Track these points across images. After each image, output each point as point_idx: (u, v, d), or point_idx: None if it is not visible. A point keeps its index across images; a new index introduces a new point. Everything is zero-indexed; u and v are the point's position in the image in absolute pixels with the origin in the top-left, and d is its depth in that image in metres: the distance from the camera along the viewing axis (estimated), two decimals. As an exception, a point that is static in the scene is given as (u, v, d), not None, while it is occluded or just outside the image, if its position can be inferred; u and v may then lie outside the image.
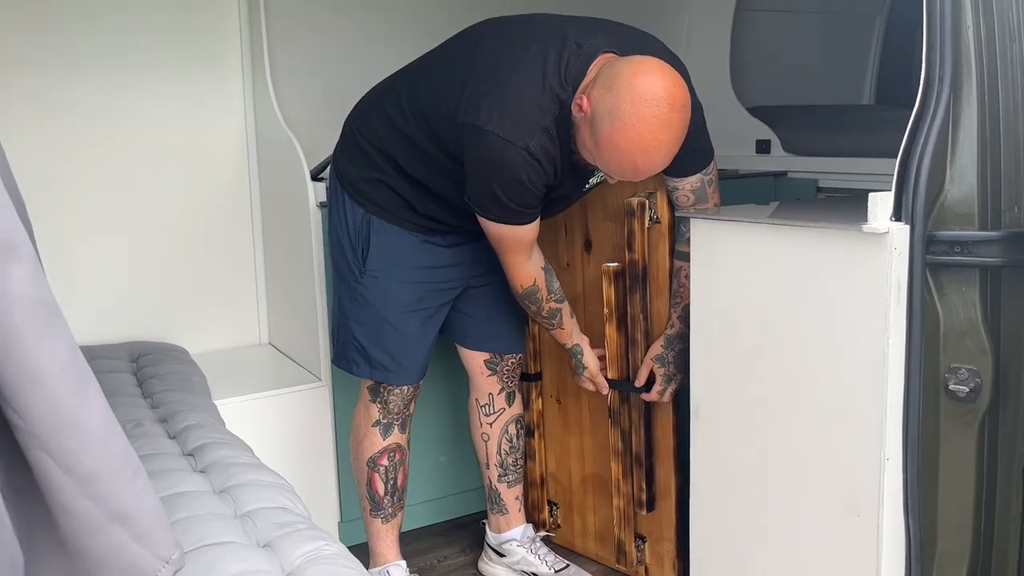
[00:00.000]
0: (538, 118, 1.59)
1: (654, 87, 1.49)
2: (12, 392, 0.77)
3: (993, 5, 1.36)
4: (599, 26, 1.71)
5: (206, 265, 2.59)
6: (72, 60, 2.34)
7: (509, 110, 1.59)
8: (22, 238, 0.77)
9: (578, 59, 1.61)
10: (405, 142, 1.80)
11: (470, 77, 1.66)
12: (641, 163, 1.55)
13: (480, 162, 1.64)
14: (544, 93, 1.59)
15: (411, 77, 1.84)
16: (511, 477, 2.20)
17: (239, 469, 1.51)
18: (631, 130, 1.50)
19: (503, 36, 1.72)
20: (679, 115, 1.52)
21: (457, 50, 1.78)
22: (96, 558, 0.81)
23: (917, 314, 1.39)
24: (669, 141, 1.53)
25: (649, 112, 1.49)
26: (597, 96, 1.54)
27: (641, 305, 1.99)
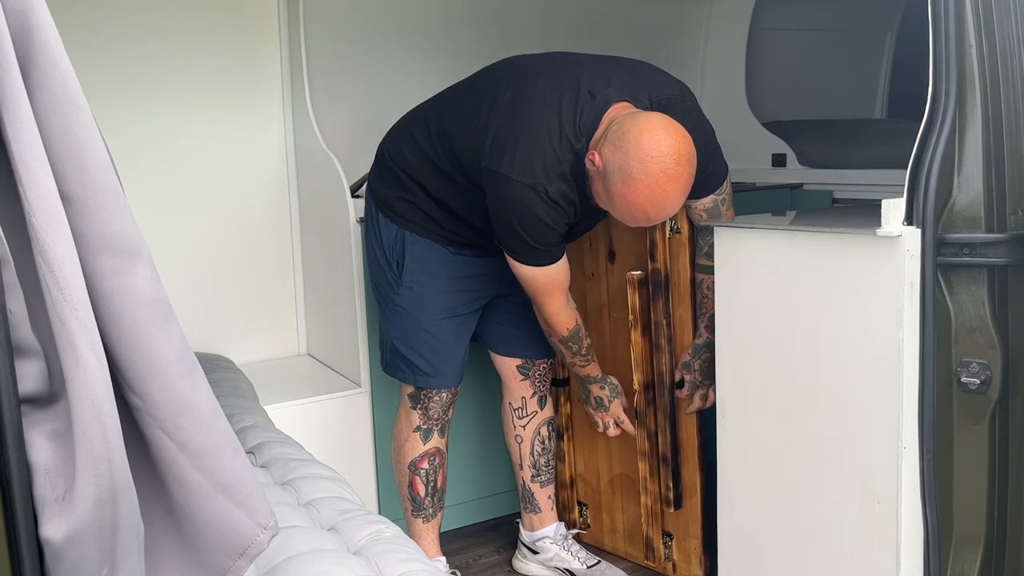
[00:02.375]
0: (555, 165, 1.72)
1: (660, 145, 1.61)
2: (135, 378, 0.89)
3: (995, 24, 1.47)
4: (612, 71, 1.81)
5: (248, 279, 2.71)
6: (124, 86, 2.48)
7: (529, 158, 1.71)
8: (143, 244, 0.90)
9: (591, 110, 1.73)
10: (433, 169, 1.94)
11: (492, 122, 1.78)
12: (652, 214, 1.68)
13: (503, 205, 1.76)
14: (561, 143, 1.72)
15: (440, 110, 1.97)
16: (544, 477, 2.30)
17: (297, 464, 1.62)
18: (640, 185, 1.63)
19: (523, 82, 1.83)
20: (685, 168, 1.64)
21: (482, 90, 1.90)
22: (204, 523, 0.92)
23: (930, 312, 1.49)
24: (677, 192, 1.65)
25: (656, 169, 1.61)
26: (607, 153, 1.66)
27: (664, 311, 2.10)
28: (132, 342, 0.87)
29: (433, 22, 2.84)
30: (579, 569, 2.27)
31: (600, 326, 2.29)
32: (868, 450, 1.59)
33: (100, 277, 0.86)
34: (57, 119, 0.83)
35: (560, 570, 2.30)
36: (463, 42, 2.87)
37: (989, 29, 1.46)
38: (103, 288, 0.86)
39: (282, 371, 2.66)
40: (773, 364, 1.74)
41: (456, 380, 2.09)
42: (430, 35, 2.83)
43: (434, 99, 2.04)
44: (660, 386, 2.15)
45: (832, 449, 1.66)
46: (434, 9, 2.85)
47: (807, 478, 1.71)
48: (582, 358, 2.05)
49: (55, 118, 0.83)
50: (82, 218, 0.84)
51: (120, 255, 0.86)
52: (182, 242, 2.61)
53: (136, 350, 0.87)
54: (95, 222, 0.85)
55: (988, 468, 1.51)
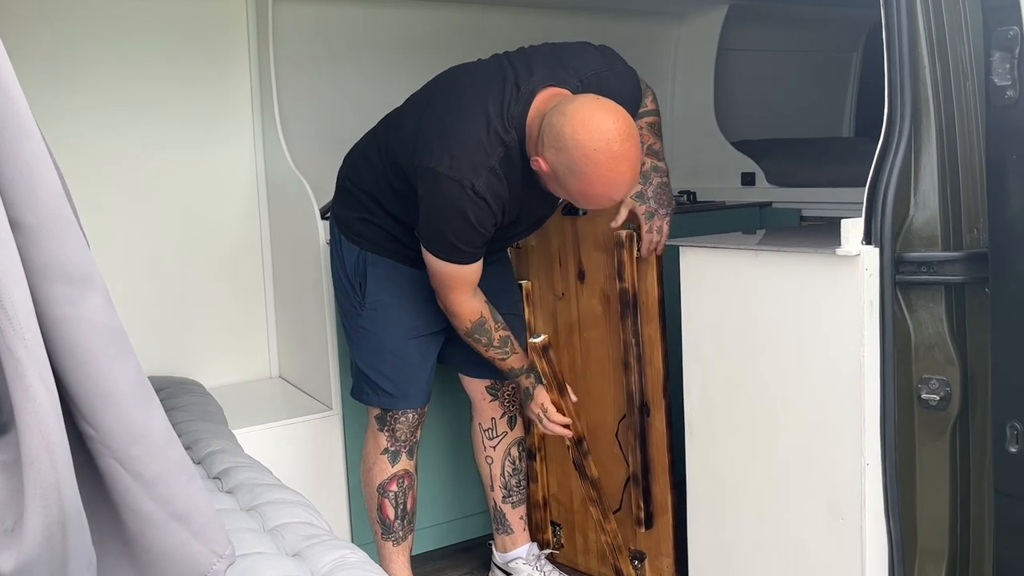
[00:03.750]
0: (483, 159, 1.72)
1: (598, 131, 1.60)
2: (88, 407, 0.88)
3: (947, 46, 1.50)
4: (535, 59, 1.83)
5: (218, 302, 2.70)
6: (93, 109, 2.47)
7: (456, 152, 1.72)
8: (96, 272, 0.89)
9: (518, 102, 1.74)
10: (387, 186, 1.95)
11: (423, 125, 1.81)
12: (615, 194, 1.68)
13: (430, 199, 1.77)
14: (489, 136, 1.73)
15: (387, 126, 2.01)
16: (515, 498, 2.30)
17: (264, 489, 1.60)
18: (594, 176, 1.63)
19: (452, 83, 1.87)
20: (630, 143, 1.63)
21: (418, 99, 1.94)
22: (159, 553, 0.91)
23: (889, 329, 1.51)
24: (630, 168, 1.65)
25: (604, 157, 1.61)
26: (551, 157, 1.67)
27: (633, 331, 2.11)
28: (85, 371, 0.87)
29: (402, 44, 2.85)
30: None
31: (571, 345, 2.30)
32: (832, 466, 1.60)
33: (52, 305, 0.85)
34: (6, 147, 0.83)
35: None
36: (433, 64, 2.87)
37: (942, 52, 1.50)
38: (55, 316, 0.85)
39: (253, 394, 2.64)
40: (739, 382, 1.76)
41: (422, 400, 2.09)
42: (400, 57, 2.85)
43: (384, 118, 2.07)
44: (630, 405, 2.16)
45: (797, 466, 1.67)
46: (403, 31, 2.86)
47: (774, 495, 1.73)
48: (497, 350, 1.99)
49: (4, 146, 0.83)
50: (33, 246, 0.84)
51: (72, 283, 0.86)
52: (152, 265, 2.59)
53: (89, 379, 0.87)
54: (46, 250, 0.85)
55: (950, 483, 1.53)
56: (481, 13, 2.99)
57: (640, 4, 3.16)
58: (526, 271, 2.37)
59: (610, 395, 2.24)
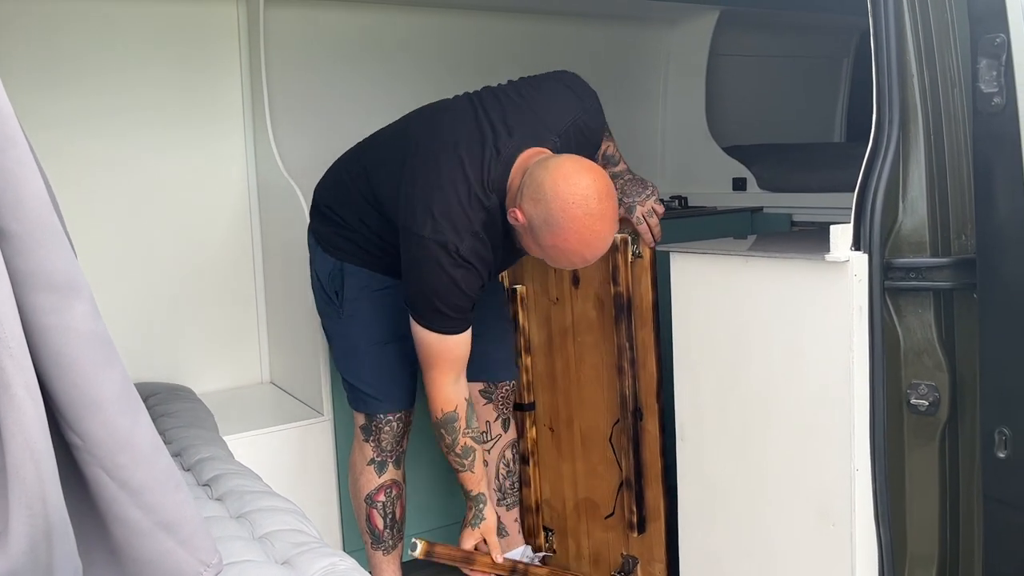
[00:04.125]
0: (466, 224, 1.73)
1: (577, 188, 1.61)
2: (74, 416, 0.88)
3: (935, 55, 1.51)
4: (513, 116, 1.82)
5: (210, 308, 2.69)
6: (83, 115, 2.47)
7: (439, 217, 1.73)
8: (82, 279, 0.89)
9: (498, 165, 1.75)
10: (368, 212, 1.95)
11: (403, 179, 1.82)
12: (588, 254, 1.68)
13: (416, 264, 1.77)
14: (471, 201, 1.73)
15: (363, 161, 2.00)
16: (509, 500, 2.30)
17: (253, 496, 1.60)
18: (569, 233, 1.63)
19: (431, 137, 1.85)
20: (608, 203, 1.64)
21: (396, 139, 1.94)
22: (146, 562, 0.91)
23: (878, 335, 1.51)
24: (606, 228, 1.65)
25: (580, 212, 1.61)
26: (528, 209, 1.67)
27: (627, 335, 2.11)
28: (70, 379, 0.86)
29: (392, 51, 2.86)
30: None
31: (565, 350, 2.30)
32: (822, 472, 1.60)
33: (38, 314, 0.85)
34: (-7, 156, 0.83)
35: None
36: (424, 70, 2.89)
37: (930, 59, 1.50)
38: (41, 325, 0.85)
39: (244, 400, 2.63)
40: (729, 387, 1.76)
41: (405, 403, 2.08)
42: (390, 63, 2.85)
43: (361, 145, 2.07)
44: (623, 409, 2.16)
45: (787, 471, 1.67)
46: (394, 38, 2.87)
47: (765, 500, 1.73)
48: (457, 458, 1.93)
49: (-9, 155, 0.83)
50: (19, 254, 0.84)
51: (58, 291, 0.86)
52: (144, 270, 2.59)
53: (75, 387, 0.87)
54: (32, 258, 0.84)
55: (939, 488, 1.53)
56: (473, 19, 2.99)
57: (632, 10, 3.17)
58: (521, 276, 2.37)
59: (603, 400, 2.24)
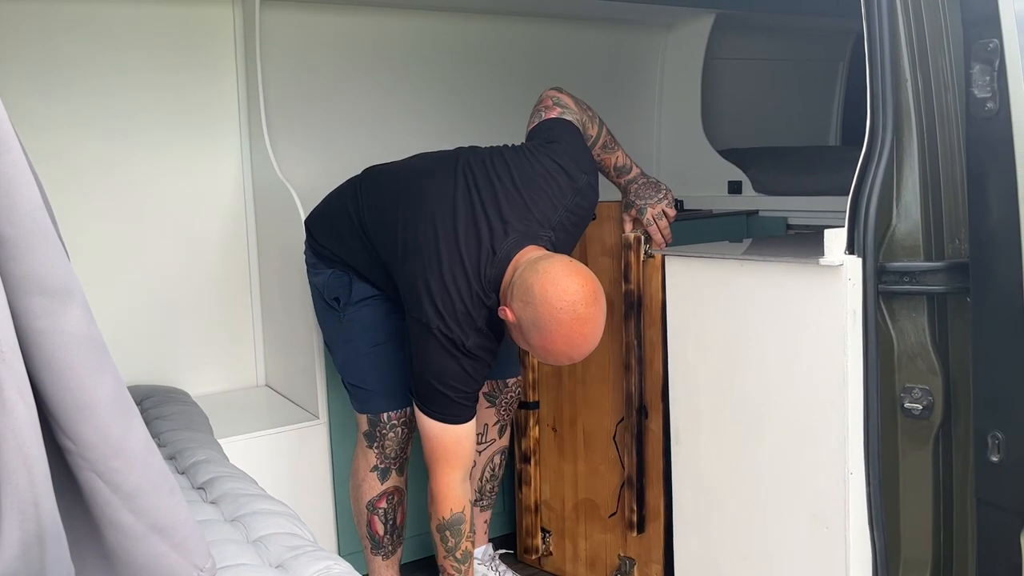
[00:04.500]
0: (470, 322, 1.77)
1: (566, 294, 1.63)
2: (66, 420, 0.88)
3: (929, 61, 1.52)
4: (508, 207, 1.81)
5: (205, 311, 2.69)
6: (78, 118, 2.46)
7: (447, 315, 1.76)
8: (76, 284, 0.89)
9: (494, 266, 1.77)
10: (363, 256, 1.97)
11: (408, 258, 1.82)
12: (575, 354, 1.70)
13: (424, 349, 1.80)
14: (473, 301, 1.76)
15: (361, 208, 1.98)
16: (485, 502, 2.32)
17: (248, 499, 1.60)
18: (557, 335, 1.65)
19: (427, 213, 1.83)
20: (595, 307, 1.65)
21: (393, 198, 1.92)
22: (139, 566, 0.91)
23: (872, 339, 1.52)
24: (594, 331, 1.67)
25: (568, 317, 1.63)
26: (518, 309, 1.69)
27: (636, 332, 2.10)
28: (64, 383, 0.86)
29: (389, 54, 2.86)
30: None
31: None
32: (816, 475, 1.61)
33: (31, 318, 0.85)
34: (-14, 160, 0.83)
35: None
36: (420, 74, 2.89)
37: (924, 65, 1.51)
38: (34, 329, 0.85)
39: (239, 403, 2.63)
40: (724, 390, 1.76)
41: (407, 400, 2.07)
42: (386, 67, 2.85)
43: (353, 194, 2.04)
44: (628, 407, 2.16)
45: (782, 474, 1.67)
46: (391, 41, 2.87)
47: (759, 503, 1.73)
48: (456, 563, 1.92)
49: (-15, 159, 0.82)
50: (12, 259, 0.84)
51: (51, 296, 0.86)
52: (139, 273, 2.58)
53: (68, 392, 0.87)
54: (26, 262, 0.84)
55: (933, 492, 1.53)
56: (469, 22, 2.99)
57: (627, 13, 3.17)
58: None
59: (608, 399, 2.24)
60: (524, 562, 2.51)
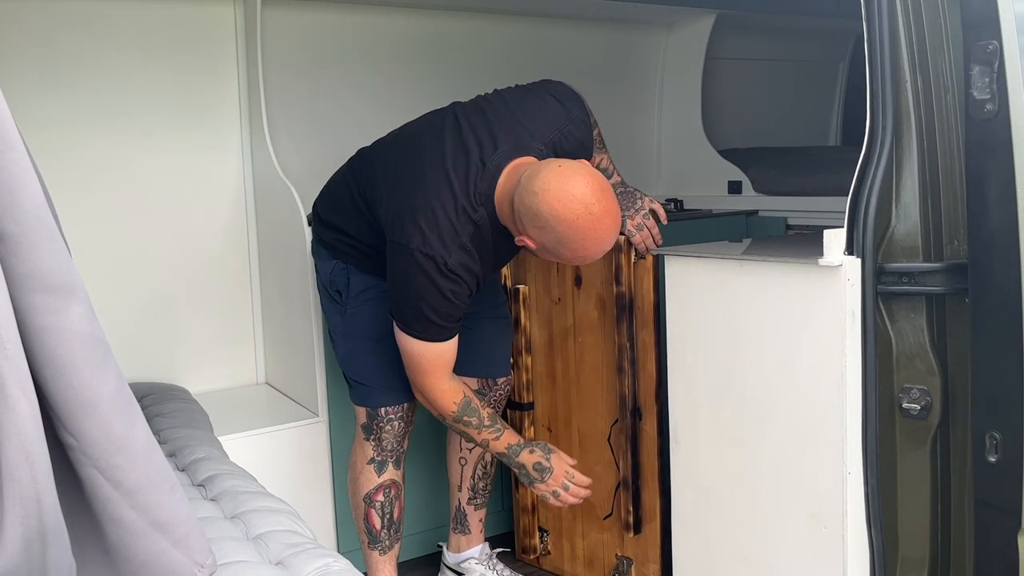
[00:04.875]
0: (454, 237, 1.74)
1: (573, 201, 1.61)
2: (69, 417, 0.88)
3: (929, 61, 1.52)
4: (498, 128, 1.81)
5: (205, 308, 2.69)
6: (79, 116, 2.47)
7: (427, 230, 1.74)
8: (78, 281, 0.89)
9: (484, 179, 1.75)
10: (365, 226, 1.96)
11: (392, 198, 1.82)
12: (607, 245, 1.70)
13: (404, 275, 1.78)
14: (458, 215, 1.75)
15: (358, 175, 2.00)
16: (479, 500, 2.32)
17: (248, 497, 1.60)
18: (585, 241, 1.64)
19: (418, 151, 1.86)
20: (606, 197, 1.65)
21: (387, 153, 1.95)
22: (140, 562, 0.91)
23: (871, 339, 1.52)
24: (613, 220, 1.66)
25: (585, 223, 1.62)
26: (536, 236, 1.68)
27: (628, 335, 2.12)
28: (66, 380, 0.87)
29: (389, 53, 2.86)
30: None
31: (565, 350, 2.31)
32: (814, 475, 1.61)
33: (33, 315, 0.85)
34: (-10, 157, 0.83)
35: None
36: (421, 72, 2.89)
37: (924, 66, 1.51)
38: (36, 326, 0.86)
39: (239, 400, 2.64)
40: (723, 390, 1.77)
41: (407, 395, 2.06)
42: (387, 65, 2.86)
43: (354, 162, 2.07)
44: (623, 409, 2.17)
45: (780, 474, 1.68)
46: (392, 39, 2.87)
47: (758, 503, 1.74)
48: (489, 430, 1.93)
49: (-12, 156, 0.83)
50: (15, 256, 0.84)
51: (54, 293, 0.86)
52: (139, 271, 2.59)
53: (70, 388, 0.87)
54: (28, 260, 0.85)
55: (931, 492, 1.54)
56: (470, 22, 3.00)
57: (628, 13, 3.18)
58: (524, 275, 2.38)
59: (603, 400, 2.25)
60: (522, 561, 2.51)
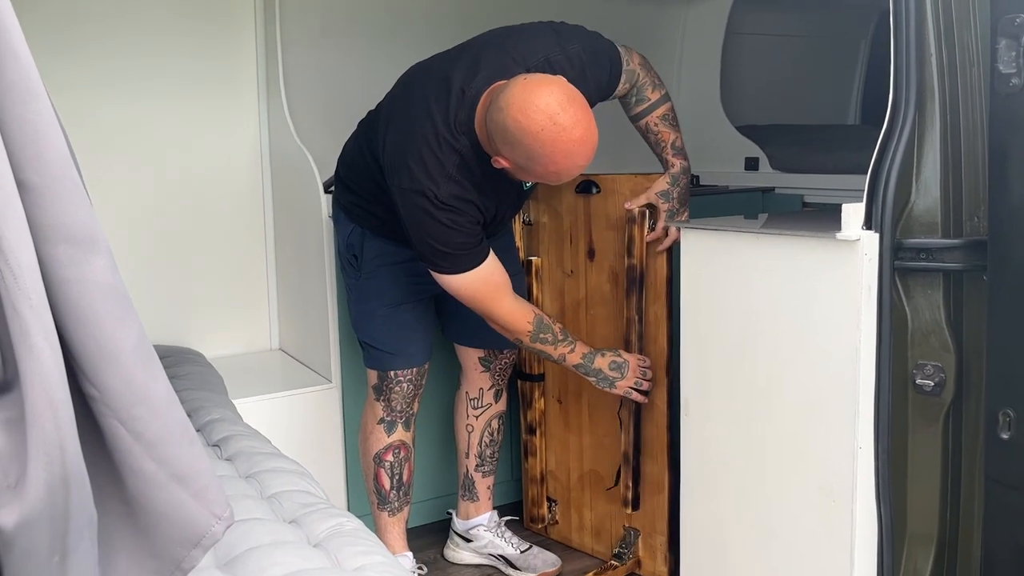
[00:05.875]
0: (439, 169, 1.74)
1: (536, 112, 1.59)
2: (91, 368, 0.89)
3: (955, 34, 1.50)
4: (481, 56, 1.80)
5: (221, 274, 2.71)
6: (98, 81, 2.47)
7: (412, 166, 1.74)
8: (101, 234, 0.90)
9: (464, 106, 1.74)
10: (376, 184, 1.96)
11: (385, 141, 1.83)
12: (580, 159, 1.65)
13: (408, 218, 1.80)
14: (440, 146, 1.74)
15: (367, 132, 2.01)
16: (487, 468, 2.34)
17: (263, 458, 1.62)
18: (553, 155, 1.62)
19: (404, 92, 1.87)
20: (573, 107, 1.60)
21: (388, 103, 1.96)
22: (159, 513, 0.92)
23: (886, 315, 1.52)
24: (587, 131, 1.62)
25: (551, 134, 1.59)
26: (507, 153, 1.67)
27: (637, 307, 2.12)
28: (88, 331, 0.87)
29: (407, 18, 2.84)
30: (512, 554, 2.31)
31: (577, 322, 2.31)
32: (825, 449, 1.62)
33: (56, 266, 0.86)
34: (15, 107, 0.83)
35: (494, 556, 2.33)
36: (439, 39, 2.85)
37: (949, 39, 1.49)
38: (59, 277, 0.86)
39: (253, 366, 2.66)
40: (736, 363, 1.77)
41: (417, 360, 2.10)
42: (404, 31, 2.84)
43: (362, 122, 2.08)
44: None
45: (791, 448, 1.68)
46: (410, 9, 2.85)
47: (767, 476, 1.74)
48: (564, 343, 1.96)
49: (13, 106, 0.83)
50: (38, 207, 0.84)
51: (77, 244, 0.87)
52: (155, 236, 2.60)
53: (92, 339, 0.88)
54: (51, 211, 0.85)
55: (941, 469, 1.54)
56: (489, -8, 2.97)
57: (648, -14, 3.15)
58: (536, 248, 2.38)
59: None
60: (530, 530, 2.53)
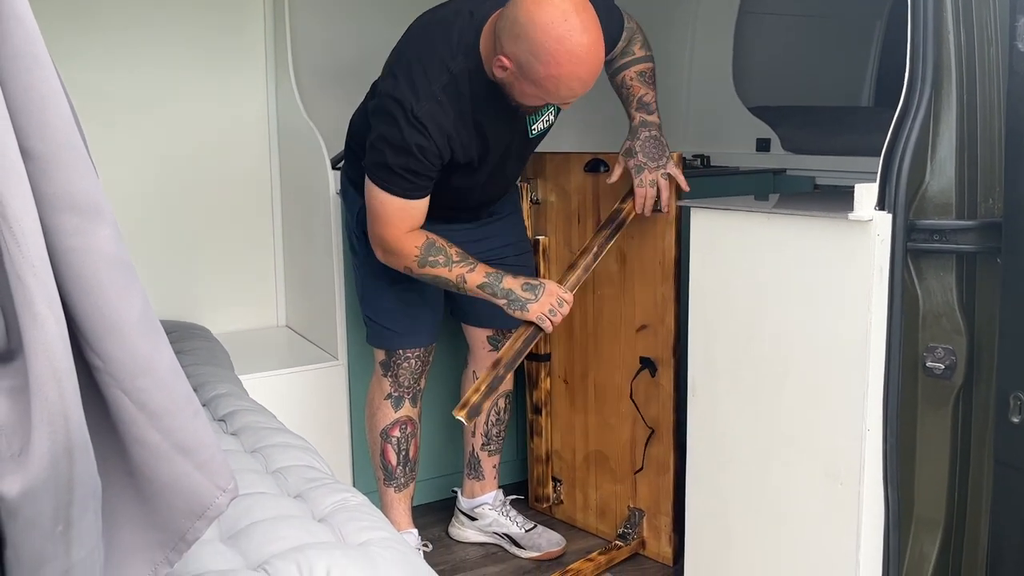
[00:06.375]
0: (424, 84, 1.71)
1: (556, 5, 1.57)
2: (95, 338, 0.88)
3: (973, 13, 1.47)
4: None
5: (228, 250, 2.71)
6: (107, 52, 2.46)
7: (401, 76, 1.73)
8: (106, 203, 0.89)
9: (470, 29, 1.72)
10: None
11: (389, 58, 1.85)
12: (585, 72, 1.62)
13: (375, 119, 1.78)
14: (432, 61, 1.72)
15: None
16: (493, 447, 2.34)
17: (268, 432, 1.62)
18: (560, 54, 1.58)
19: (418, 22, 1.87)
20: (590, 18, 1.59)
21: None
22: (163, 484, 0.92)
23: (898, 296, 1.50)
24: (594, 39, 1.60)
25: (566, 29, 1.56)
26: (511, 49, 1.62)
27: (600, 243, 2.00)
28: (92, 301, 0.87)
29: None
30: (517, 533, 2.31)
31: (584, 303, 2.30)
32: (833, 431, 1.61)
33: (61, 235, 0.85)
34: (20, 75, 0.82)
35: (498, 535, 2.33)
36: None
37: (967, 18, 1.47)
38: (63, 246, 0.85)
39: (259, 342, 2.66)
40: (744, 343, 1.76)
41: (424, 340, 2.09)
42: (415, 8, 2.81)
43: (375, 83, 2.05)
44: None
45: (798, 429, 1.67)
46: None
47: (774, 456, 1.73)
48: (460, 264, 1.83)
49: (18, 74, 0.82)
50: (43, 175, 0.84)
51: (82, 213, 0.86)
52: (162, 211, 2.60)
53: (96, 309, 0.87)
54: (56, 179, 0.84)
55: (950, 453, 1.53)
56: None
57: (662, -36, 3.11)
58: (544, 227, 2.37)
59: (619, 354, 2.25)
60: (535, 510, 2.54)
